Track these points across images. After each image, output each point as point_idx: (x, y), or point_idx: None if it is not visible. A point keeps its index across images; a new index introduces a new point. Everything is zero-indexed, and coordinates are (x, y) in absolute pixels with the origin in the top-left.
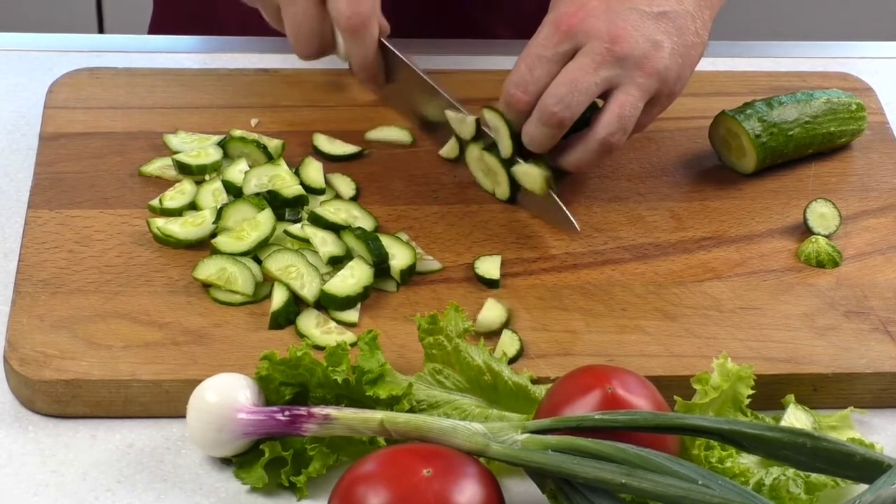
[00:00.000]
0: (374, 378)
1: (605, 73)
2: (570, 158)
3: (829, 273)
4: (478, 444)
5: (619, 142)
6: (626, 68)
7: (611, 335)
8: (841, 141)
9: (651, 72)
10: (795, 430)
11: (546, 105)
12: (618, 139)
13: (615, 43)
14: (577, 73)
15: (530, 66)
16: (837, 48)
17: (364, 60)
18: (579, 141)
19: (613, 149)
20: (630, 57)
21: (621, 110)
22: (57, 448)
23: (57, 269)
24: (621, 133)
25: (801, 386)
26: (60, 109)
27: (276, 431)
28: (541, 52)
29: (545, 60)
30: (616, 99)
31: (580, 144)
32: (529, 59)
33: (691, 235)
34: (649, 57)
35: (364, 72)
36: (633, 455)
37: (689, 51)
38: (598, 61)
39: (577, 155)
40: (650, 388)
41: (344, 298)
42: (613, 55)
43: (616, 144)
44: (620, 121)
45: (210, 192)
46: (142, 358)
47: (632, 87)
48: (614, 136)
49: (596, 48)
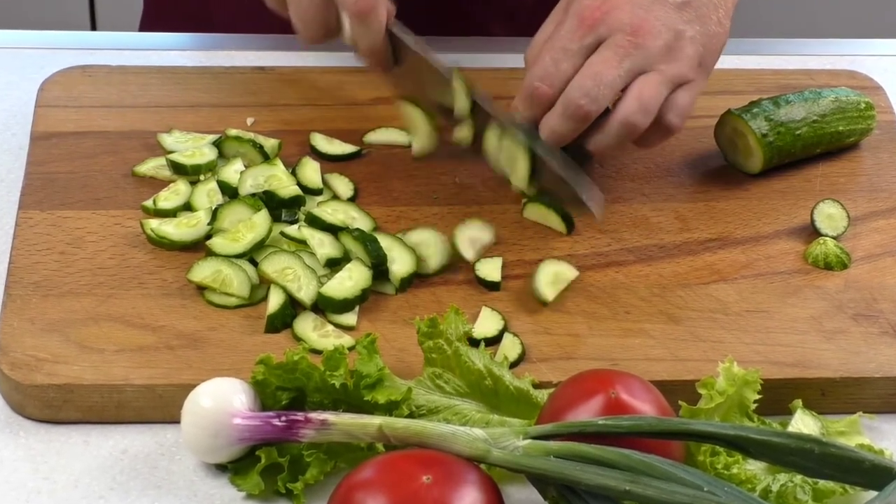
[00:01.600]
0: (372, 383)
1: (629, 65)
2: (592, 142)
3: (838, 275)
4: (478, 449)
5: (639, 122)
6: (650, 58)
7: (614, 339)
8: (849, 140)
9: (674, 60)
10: (803, 436)
11: (572, 98)
12: (637, 119)
13: (637, 35)
14: (602, 66)
15: (556, 59)
16: (846, 45)
17: (371, 46)
18: (601, 124)
19: (634, 129)
20: (653, 47)
21: (641, 92)
22: (48, 454)
23: (48, 272)
24: (641, 114)
25: (809, 391)
26: (52, 108)
27: (273, 437)
28: (566, 45)
29: (571, 54)
30: (637, 83)
31: (602, 127)
32: (554, 53)
33: (696, 237)
34: (672, 46)
35: (371, 57)
36: (637, 461)
37: (712, 40)
38: (622, 54)
39: (599, 138)
40: (654, 392)
41: (342, 301)
42: (636, 46)
43: (636, 124)
44: (640, 101)
45: (205, 193)
46: (135, 362)
47: (654, 73)
48: (634, 115)
49: (619, 41)
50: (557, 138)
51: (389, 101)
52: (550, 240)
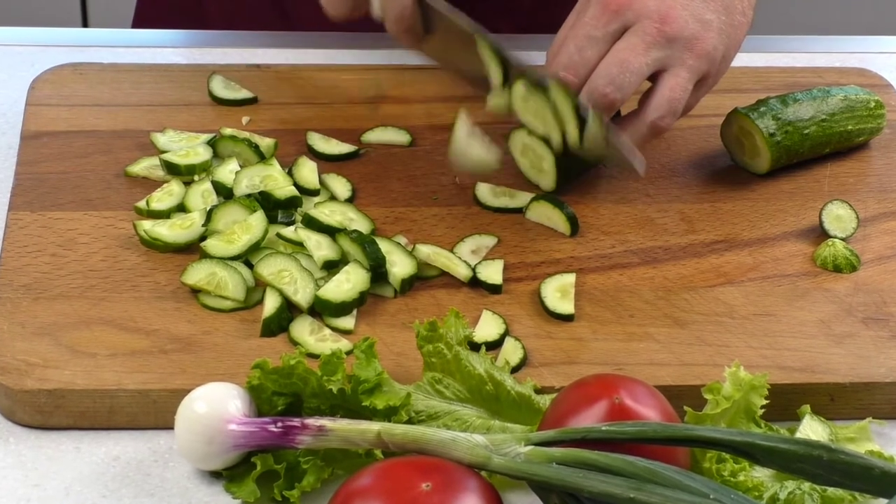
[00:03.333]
0: (370, 388)
1: (656, 54)
2: None
3: (847, 278)
4: (479, 456)
5: (668, 125)
6: (676, 49)
7: (618, 343)
8: (859, 140)
9: (701, 53)
10: (811, 443)
11: (597, 86)
12: (667, 122)
13: (665, 23)
14: (628, 53)
15: (580, 46)
16: (855, 42)
17: (400, 14)
18: (628, 123)
19: (662, 132)
20: (680, 37)
21: (672, 93)
22: (39, 461)
23: (39, 274)
24: (671, 116)
25: (818, 396)
26: (43, 107)
27: (269, 443)
28: (590, 33)
29: (595, 41)
30: (666, 82)
31: (629, 126)
32: (578, 40)
33: (702, 238)
34: (699, 37)
35: (400, 25)
36: (641, 468)
37: (736, 30)
38: (649, 42)
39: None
40: (659, 398)
41: (339, 304)
42: (664, 35)
43: (665, 128)
44: (671, 104)
45: (199, 194)
46: (128, 367)
47: (682, 69)
48: (664, 119)
49: (646, 28)
50: None
51: (388, 100)
52: (553, 241)
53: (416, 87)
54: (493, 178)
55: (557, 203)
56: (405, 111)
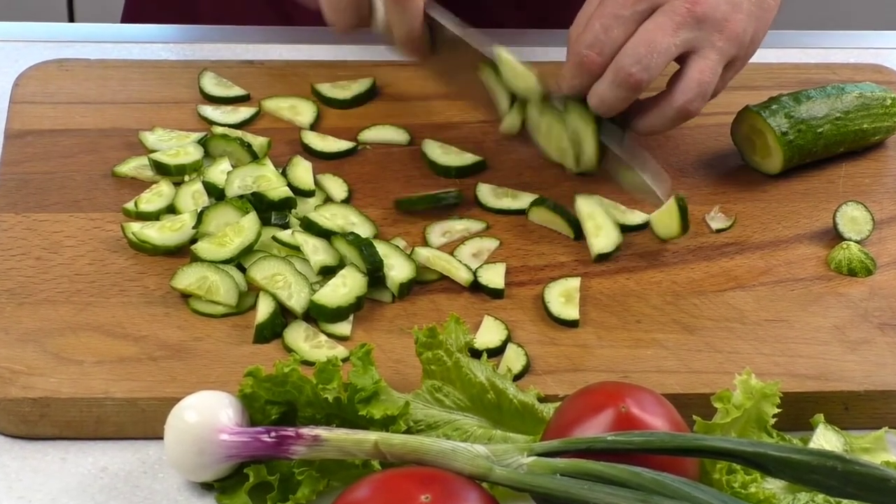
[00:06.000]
0: (367, 396)
1: (685, 35)
2: (643, 123)
3: (862, 282)
4: (480, 467)
5: (697, 109)
6: (706, 31)
7: (625, 349)
8: (874, 139)
9: (731, 35)
10: (825, 453)
11: (623, 66)
12: (696, 106)
13: (695, 3)
14: (657, 33)
15: (606, 26)
16: (871, 38)
17: (409, 32)
18: (655, 105)
19: (691, 116)
20: (710, 18)
21: (701, 76)
22: (24, 472)
23: (23, 278)
24: (700, 100)
25: (832, 405)
26: (27, 104)
27: (262, 454)
28: (618, 12)
29: (622, 20)
30: (696, 64)
31: (656, 109)
32: (605, 19)
33: (712, 241)
34: (729, 19)
35: (408, 44)
36: (649, 480)
37: (765, 14)
38: (678, 22)
39: (652, 120)
40: (667, 406)
41: (335, 309)
42: (693, 16)
43: (694, 112)
44: (700, 87)
45: (190, 195)
46: (116, 374)
47: (711, 51)
48: (693, 103)
49: (676, 7)
50: (606, 108)
51: (387, 98)
52: (557, 244)
53: (416, 83)
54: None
55: (558, 209)
56: (404, 109)
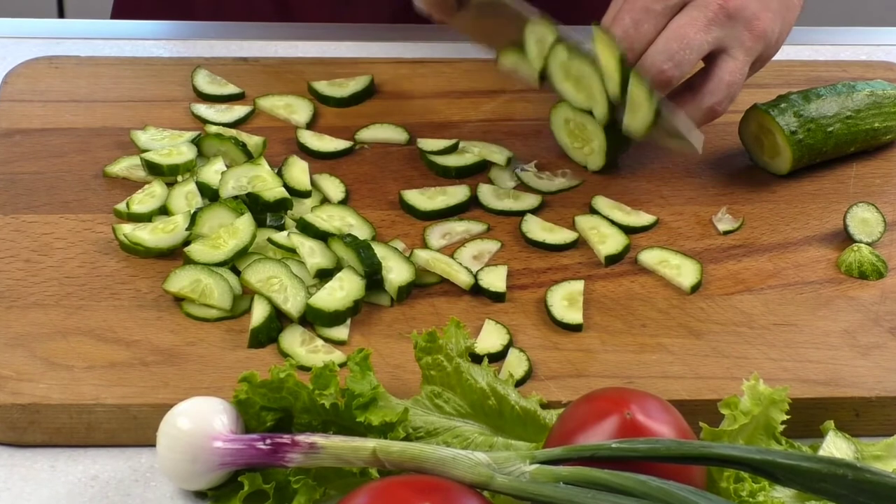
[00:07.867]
0: (365, 402)
1: (717, 32)
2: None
3: (873, 285)
4: (481, 475)
5: (724, 110)
6: (736, 28)
7: (629, 354)
8: (886, 138)
9: (759, 33)
10: (835, 461)
11: (655, 62)
12: (724, 107)
13: (728, 1)
14: (689, 28)
15: (637, 20)
16: (882, 35)
17: None
18: (682, 105)
19: (717, 116)
20: (741, 15)
21: (731, 77)
22: (12, 480)
23: (12, 281)
24: (728, 101)
25: (842, 411)
26: (16, 103)
27: (257, 462)
28: (649, 6)
29: (654, 14)
30: (725, 65)
31: (683, 109)
32: (635, 13)
33: (719, 243)
34: (759, 17)
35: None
36: (654, 488)
37: (790, 13)
38: (710, 17)
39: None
40: (673, 413)
41: (332, 313)
42: (725, 12)
43: (721, 113)
44: (729, 88)
45: (183, 195)
46: (107, 380)
47: (739, 50)
48: (721, 104)
49: (708, 3)
50: None
51: (385, 96)
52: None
53: (414, 81)
54: None
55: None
56: (402, 107)
